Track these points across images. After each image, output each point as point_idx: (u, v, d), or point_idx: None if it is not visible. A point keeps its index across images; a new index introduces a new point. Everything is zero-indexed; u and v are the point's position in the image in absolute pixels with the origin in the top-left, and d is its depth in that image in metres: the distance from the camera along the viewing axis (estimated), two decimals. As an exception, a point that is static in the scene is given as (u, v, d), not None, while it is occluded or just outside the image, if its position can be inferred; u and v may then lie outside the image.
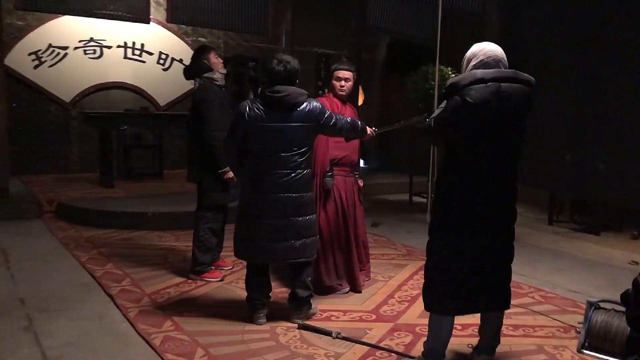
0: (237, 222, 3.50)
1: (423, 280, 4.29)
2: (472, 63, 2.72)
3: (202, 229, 4.25)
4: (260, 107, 3.30)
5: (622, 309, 3.15)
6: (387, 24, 8.63)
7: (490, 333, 2.97)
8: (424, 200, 7.59)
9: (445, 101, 2.73)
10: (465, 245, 2.72)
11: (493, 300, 2.84)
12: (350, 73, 4.06)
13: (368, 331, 3.42)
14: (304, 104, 3.32)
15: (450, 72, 7.07)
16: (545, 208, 6.75)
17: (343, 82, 4.03)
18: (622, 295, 1.30)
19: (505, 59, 2.72)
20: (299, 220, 3.37)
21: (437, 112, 2.78)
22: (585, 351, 3.17)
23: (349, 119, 3.59)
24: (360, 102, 9.23)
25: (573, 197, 6.87)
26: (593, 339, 3.16)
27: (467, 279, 2.74)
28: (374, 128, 3.80)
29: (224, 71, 4.30)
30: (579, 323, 3.40)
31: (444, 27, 8.04)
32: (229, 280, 4.31)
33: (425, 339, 2.99)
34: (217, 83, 4.18)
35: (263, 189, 3.32)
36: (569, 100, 6.20)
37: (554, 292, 4.26)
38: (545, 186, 6.57)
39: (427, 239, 2.87)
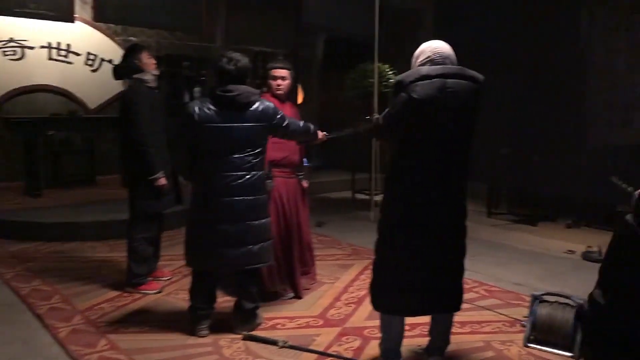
0: (188, 228, 3.34)
1: (369, 280, 4.27)
2: (419, 60, 2.69)
3: (135, 239, 4.03)
4: (211, 107, 3.16)
5: (565, 300, 3.21)
6: (325, 21, 8.57)
7: (440, 334, 2.93)
8: (367, 197, 7.56)
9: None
10: (416, 244, 2.66)
11: (445, 302, 2.79)
12: (287, 71, 3.95)
13: (315, 338, 3.32)
14: (257, 104, 3.19)
15: (388, 70, 7.07)
16: (483, 201, 6.88)
17: (279, 81, 3.92)
18: (577, 312, 1.24)
19: (453, 56, 2.69)
20: (256, 224, 3.24)
21: (387, 110, 2.73)
22: (531, 345, 3.19)
23: (301, 123, 3.50)
24: (299, 100, 9.12)
25: (510, 190, 7.03)
26: (538, 332, 3.19)
27: (419, 279, 2.69)
28: (325, 133, 3.72)
29: (157, 72, 4.08)
30: (524, 317, 3.43)
31: (382, 25, 8.03)
32: (168, 291, 4.10)
33: (377, 341, 2.93)
34: (148, 84, 3.96)
35: (217, 193, 3.17)
36: (505, 95, 6.31)
37: (497, 285, 4.30)
38: (483, 179, 6.68)
39: (372, 237, 2.80)
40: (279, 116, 3.27)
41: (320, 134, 3.66)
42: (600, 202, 5.97)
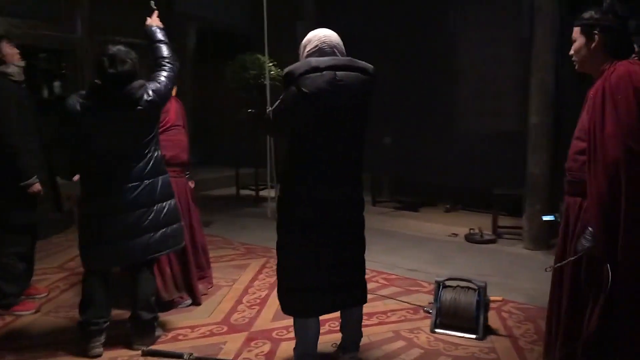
0: (80, 227, 3.00)
1: (269, 279, 4.14)
2: (307, 50, 2.60)
3: (4, 255, 3.54)
4: (95, 101, 2.85)
5: (467, 284, 3.32)
6: (197, 10, 8.22)
7: (352, 328, 2.88)
8: (253, 193, 7.41)
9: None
10: (319, 242, 2.58)
11: (352, 295, 2.76)
12: None
13: (222, 346, 3.13)
14: (144, 95, 2.90)
15: (269, 62, 6.94)
16: (367, 190, 7.03)
17: None
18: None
19: (341, 45, 2.63)
20: (156, 209, 2.98)
21: (276, 103, 2.61)
22: (438, 330, 3.27)
23: (165, 73, 3.07)
24: (173, 93, 8.68)
25: (392, 178, 7.26)
26: (443, 317, 3.27)
27: (326, 277, 2.62)
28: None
29: (22, 64, 3.59)
30: (430, 303, 3.51)
31: (259, 15, 7.82)
32: (46, 309, 3.66)
33: (287, 343, 2.82)
34: (12, 78, 3.47)
35: (110, 185, 2.89)
36: (386, 85, 6.45)
37: (394, 273, 4.38)
38: (366, 168, 6.81)
39: (267, 234, 2.69)
40: (160, 93, 2.97)
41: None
42: (475, 186, 6.36)
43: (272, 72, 6.50)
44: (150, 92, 2.93)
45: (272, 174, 4.67)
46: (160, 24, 3.20)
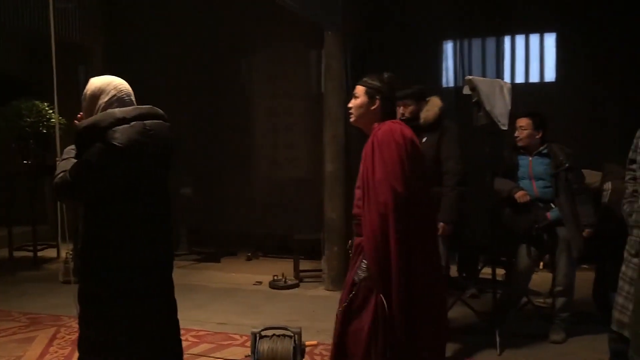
0: None
1: (62, 351, 3.70)
2: (104, 101, 2.33)
3: None
4: None
5: (282, 332, 3.35)
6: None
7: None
8: (30, 254, 6.56)
9: (72, 147, 2.32)
10: (134, 311, 2.33)
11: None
12: None
13: None
14: None
15: (47, 108, 6.34)
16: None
17: None
18: None
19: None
20: None
21: (64, 163, 2.32)
22: (259, 383, 3.21)
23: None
24: None
25: (189, 229, 7.07)
26: (263, 367, 3.23)
27: (147, 349, 2.39)
28: None
29: None
30: (246, 356, 3.44)
31: (37, 59, 7.16)
32: None
33: None
34: None
35: None
36: (184, 136, 6.35)
37: (203, 329, 4.21)
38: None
39: (54, 300, 2.36)
40: None
41: None
42: (274, 233, 6.54)
43: (52, 120, 5.96)
44: None
45: (62, 232, 4.17)
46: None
